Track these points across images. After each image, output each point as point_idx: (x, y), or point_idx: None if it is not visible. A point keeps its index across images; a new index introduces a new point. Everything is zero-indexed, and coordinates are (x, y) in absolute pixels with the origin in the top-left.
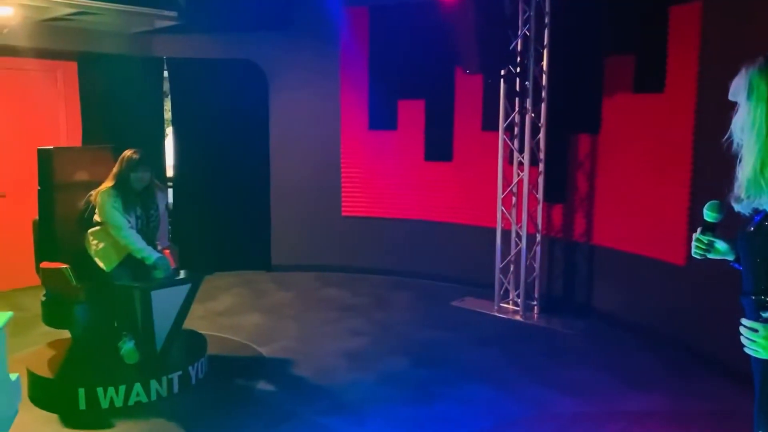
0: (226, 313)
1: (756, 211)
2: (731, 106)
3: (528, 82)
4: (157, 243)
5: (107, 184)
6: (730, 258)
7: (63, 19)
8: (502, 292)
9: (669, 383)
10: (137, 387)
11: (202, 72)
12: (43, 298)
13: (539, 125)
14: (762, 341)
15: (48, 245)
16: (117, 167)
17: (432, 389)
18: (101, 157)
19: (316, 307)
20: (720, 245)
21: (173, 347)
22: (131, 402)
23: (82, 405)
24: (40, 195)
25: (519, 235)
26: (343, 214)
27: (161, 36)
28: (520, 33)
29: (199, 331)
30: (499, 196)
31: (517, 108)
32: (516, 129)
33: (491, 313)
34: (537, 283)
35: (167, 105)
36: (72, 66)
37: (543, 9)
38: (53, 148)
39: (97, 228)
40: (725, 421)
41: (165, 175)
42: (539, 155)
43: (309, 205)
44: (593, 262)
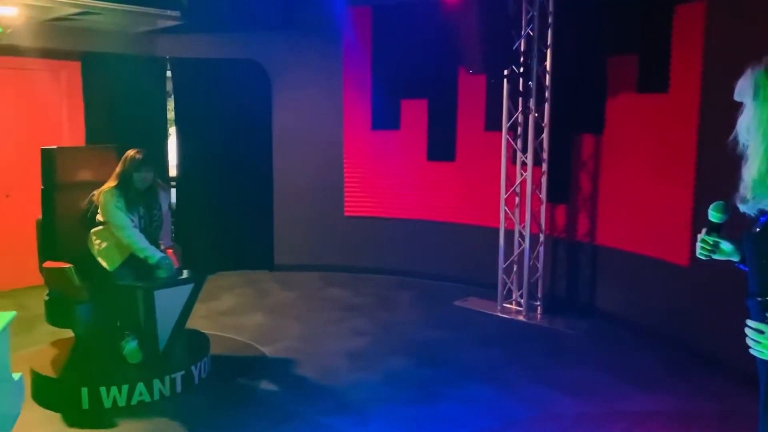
0: (229, 313)
1: (762, 212)
2: (736, 106)
3: (531, 82)
4: (160, 242)
5: (110, 183)
6: (735, 259)
7: (66, 19)
8: (505, 292)
9: (671, 383)
10: (140, 386)
11: (205, 72)
12: (46, 297)
13: (542, 125)
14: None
15: (51, 245)
16: (120, 167)
17: (434, 389)
18: (104, 157)
19: (319, 307)
20: (725, 246)
21: (176, 347)
22: (134, 401)
23: (85, 404)
24: (43, 195)
25: (522, 235)
26: (346, 213)
27: (164, 36)
28: (523, 33)
29: (202, 331)
30: (503, 196)
31: (521, 108)
32: (519, 129)
33: (494, 314)
34: (540, 283)
35: (170, 105)
36: (75, 66)
37: (546, 9)
38: (56, 147)
39: (100, 227)
40: (727, 422)
41: (168, 175)
42: (542, 155)
43: (312, 205)
44: (596, 262)
